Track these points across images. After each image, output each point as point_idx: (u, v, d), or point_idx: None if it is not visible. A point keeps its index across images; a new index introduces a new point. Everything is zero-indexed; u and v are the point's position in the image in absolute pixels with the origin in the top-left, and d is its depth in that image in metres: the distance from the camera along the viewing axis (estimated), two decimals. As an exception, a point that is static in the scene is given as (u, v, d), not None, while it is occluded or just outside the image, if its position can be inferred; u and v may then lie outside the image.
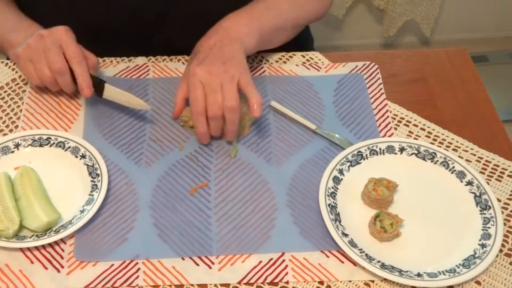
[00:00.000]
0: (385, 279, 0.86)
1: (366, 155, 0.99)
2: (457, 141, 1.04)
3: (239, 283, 0.85)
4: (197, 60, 0.99)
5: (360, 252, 0.87)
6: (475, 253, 0.88)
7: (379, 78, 1.13)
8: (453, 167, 0.98)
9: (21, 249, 0.87)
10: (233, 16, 1.07)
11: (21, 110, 1.05)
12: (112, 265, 0.86)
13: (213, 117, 0.96)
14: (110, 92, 1.02)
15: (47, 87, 1.03)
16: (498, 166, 1.00)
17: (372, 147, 1.00)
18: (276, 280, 0.86)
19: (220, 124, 0.98)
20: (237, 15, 1.07)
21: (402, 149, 1.00)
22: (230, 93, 0.95)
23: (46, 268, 0.86)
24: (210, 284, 0.85)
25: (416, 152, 1.00)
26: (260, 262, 0.88)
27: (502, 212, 0.94)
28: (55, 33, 1.00)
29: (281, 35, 1.13)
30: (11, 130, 1.02)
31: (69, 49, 0.99)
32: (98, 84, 1.02)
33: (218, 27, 1.05)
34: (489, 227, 0.91)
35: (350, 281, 0.86)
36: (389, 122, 1.06)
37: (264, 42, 1.09)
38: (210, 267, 0.87)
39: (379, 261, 0.86)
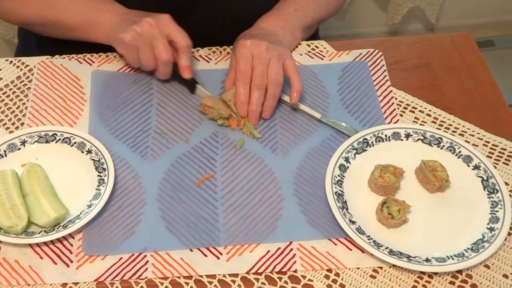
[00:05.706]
0: (394, 265, 0.86)
1: (372, 142, 0.99)
2: (464, 126, 1.03)
3: (247, 273, 0.86)
4: (246, 37, 1.04)
5: (368, 239, 0.87)
6: (484, 237, 0.88)
7: (383, 65, 1.12)
8: (460, 151, 0.97)
9: (30, 245, 0.88)
10: (267, 19, 1.12)
11: (26, 107, 1.05)
12: (121, 258, 0.87)
13: (258, 86, 1.00)
14: (200, 92, 1.06)
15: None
16: (505, 149, 1.00)
17: (377, 134, 1.00)
18: (284, 269, 0.86)
19: (263, 96, 1.01)
20: (271, 18, 1.13)
21: (408, 135, 1.00)
22: (276, 68, 1.00)
23: (55, 263, 0.86)
24: (219, 275, 0.85)
25: (422, 137, 1.00)
26: (268, 251, 0.88)
27: (510, 196, 0.94)
28: (162, 22, 1.01)
29: (307, 33, 1.19)
30: (17, 128, 1.02)
31: (179, 40, 1.01)
32: (190, 83, 1.06)
33: (256, 28, 1.10)
34: (497, 211, 0.90)
35: (358, 268, 0.86)
36: (394, 109, 1.05)
37: (295, 40, 1.15)
38: (218, 258, 0.87)
39: (387, 248, 0.86)
